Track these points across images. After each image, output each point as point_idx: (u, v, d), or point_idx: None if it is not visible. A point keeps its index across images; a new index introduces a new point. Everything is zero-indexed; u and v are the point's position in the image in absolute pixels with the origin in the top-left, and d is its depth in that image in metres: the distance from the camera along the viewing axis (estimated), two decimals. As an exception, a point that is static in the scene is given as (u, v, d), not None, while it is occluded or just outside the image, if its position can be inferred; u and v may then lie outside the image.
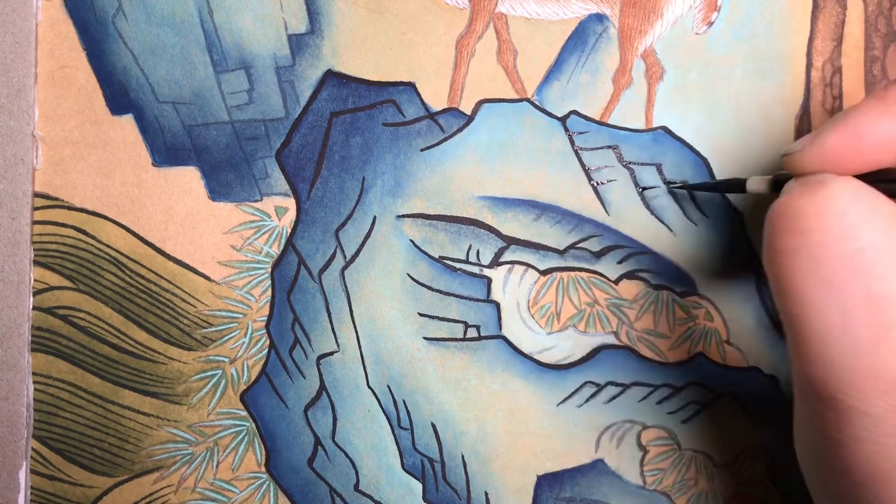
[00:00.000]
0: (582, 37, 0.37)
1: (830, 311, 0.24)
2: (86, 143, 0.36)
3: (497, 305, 0.37)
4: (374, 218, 0.37)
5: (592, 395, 0.37)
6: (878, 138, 0.25)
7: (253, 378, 0.37)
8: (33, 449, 0.36)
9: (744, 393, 0.37)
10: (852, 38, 0.37)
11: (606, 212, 0.37)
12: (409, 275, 0.37)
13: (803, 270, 0.24)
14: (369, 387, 0.37)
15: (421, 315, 0.37)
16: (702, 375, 0.37)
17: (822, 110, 0.37)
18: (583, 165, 0.37)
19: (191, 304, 0.36)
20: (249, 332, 0.37)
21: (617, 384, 0.37)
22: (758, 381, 0.37)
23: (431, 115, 0.37)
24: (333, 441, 0.37)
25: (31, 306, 0.36)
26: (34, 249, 0.36)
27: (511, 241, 0.37)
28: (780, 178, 0.30)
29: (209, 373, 0.36)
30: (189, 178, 0.36)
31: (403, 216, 0.37)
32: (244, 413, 0.37)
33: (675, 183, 0.36)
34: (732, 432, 0.38)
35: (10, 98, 0.34)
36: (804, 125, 0.37)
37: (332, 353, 0.37)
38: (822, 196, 0.24)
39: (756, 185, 0.31)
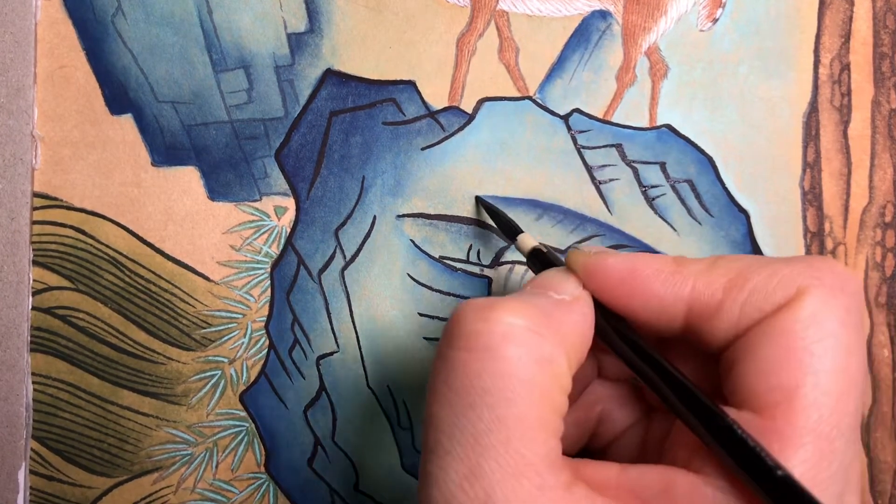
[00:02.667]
0: (585, 34, 0.36)
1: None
2: (85, 143, 0.36)
3: (498, 306, 0.37)
4: (374, 217, 0.36)
5: (595, 397, 0.37)
6: (652, 284, 0.25)
7: (252, 378, 0.36)
8: (32, 449, 0.36)
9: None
10: (860, 35, 0.36)
11: (609, 211, 0.37)
12: (409, 275, 0.36)
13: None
14: (369, 387, 0.37)
15: (421, 315, 0.36)
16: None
17: (830, 107, 0.36)
18: (585, 164, 0.36)
19: (190, 305, 0.36)
20: (249, 332, 0.36)
21: (620, 385, 0.37)
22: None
23: (432, 114, 0.36)
24: (333, 441, 0.37)
25: (30, 306, 0.36)
26: (33, 249, 0.36)
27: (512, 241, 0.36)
28: (538, 253, 0.31)
29: (208, 373, 0.36)
30: (188, 177, 0.36)
31: (403, 216, 0.36)
32: (243, 413, 0.37)
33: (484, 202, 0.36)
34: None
35: (9, 98, 0.34)
36: (812, 122, 0.36)
37: (331, 354, 0.37)
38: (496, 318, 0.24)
39: (523, 244, 0.32)
